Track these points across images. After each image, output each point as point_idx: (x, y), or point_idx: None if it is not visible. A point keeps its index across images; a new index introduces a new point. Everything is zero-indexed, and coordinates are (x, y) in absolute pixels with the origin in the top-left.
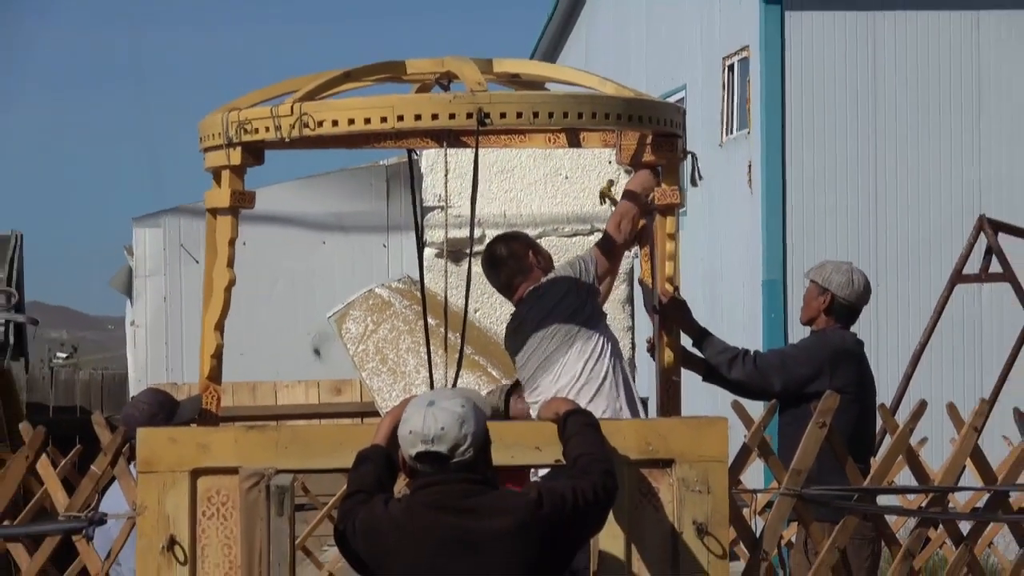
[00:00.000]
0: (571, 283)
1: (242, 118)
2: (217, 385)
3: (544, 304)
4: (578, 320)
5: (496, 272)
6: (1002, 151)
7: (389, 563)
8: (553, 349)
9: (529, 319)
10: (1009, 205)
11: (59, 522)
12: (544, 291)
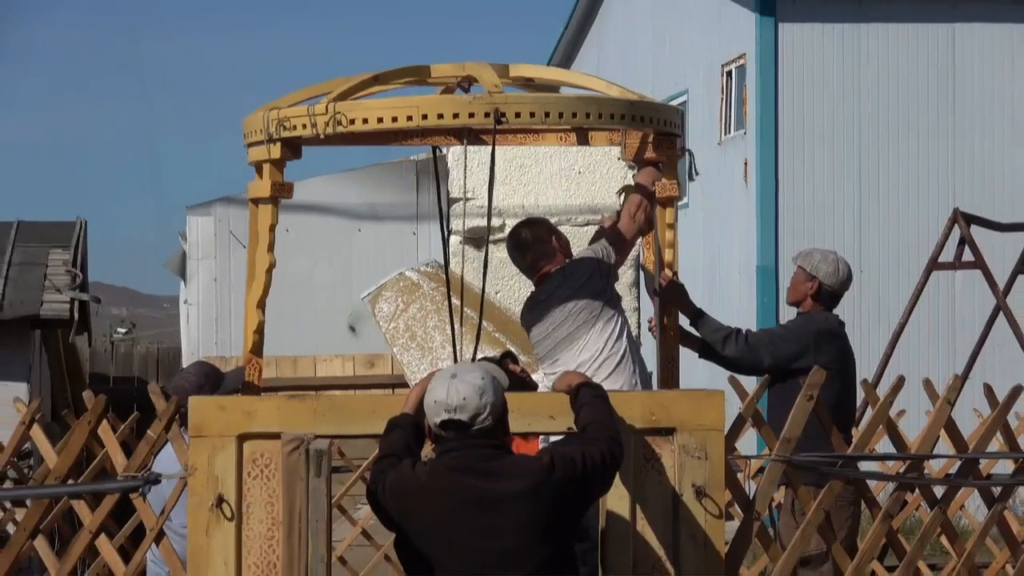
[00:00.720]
0: (595, 266)
1: (281, 116)
2: (259, 358)
3: (570, 284)
4: (601, 301)
5: (521, 254)
6: (975, 151)
7: (415, 520)
8: (578, 326)
9: (555, 297)
10: (980, 200)
11: (118, 481)
12: (570, 272)
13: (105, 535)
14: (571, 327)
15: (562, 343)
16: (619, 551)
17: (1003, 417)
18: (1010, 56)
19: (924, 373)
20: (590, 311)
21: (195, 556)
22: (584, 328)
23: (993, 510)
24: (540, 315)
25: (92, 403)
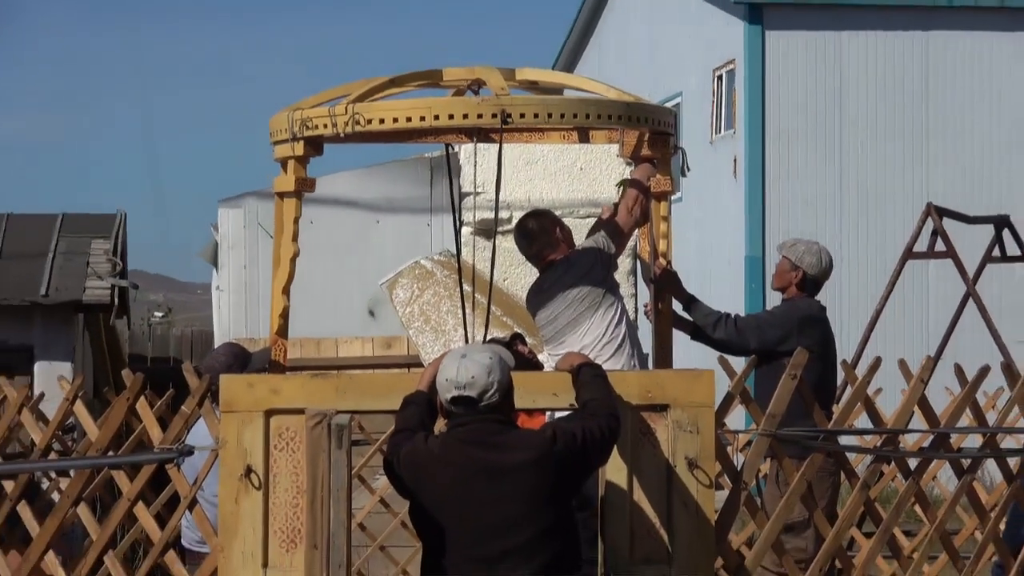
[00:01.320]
0: (597, 255)
1: (304, 117)
2: (285, 340)
3: (574, 272)
4: (602, 288)
5: (528, 243)
6: (946, 150)
7: (428, 489)
8: (581, 311)
9: (560, 284)
10: (952, 194)
11: (154, 453)
12: (574, 261)
13: (143, 503)
14: (575, 312)
15: (567, 327)
16: (617, 518)
17: (972, 395)
18: (980, 62)
19: (899, 354)
20: (593, 298)
21: (225, 522)
22: (587, 313)
23: (963, 481)
24: (545, 300)
25: (131, 381)
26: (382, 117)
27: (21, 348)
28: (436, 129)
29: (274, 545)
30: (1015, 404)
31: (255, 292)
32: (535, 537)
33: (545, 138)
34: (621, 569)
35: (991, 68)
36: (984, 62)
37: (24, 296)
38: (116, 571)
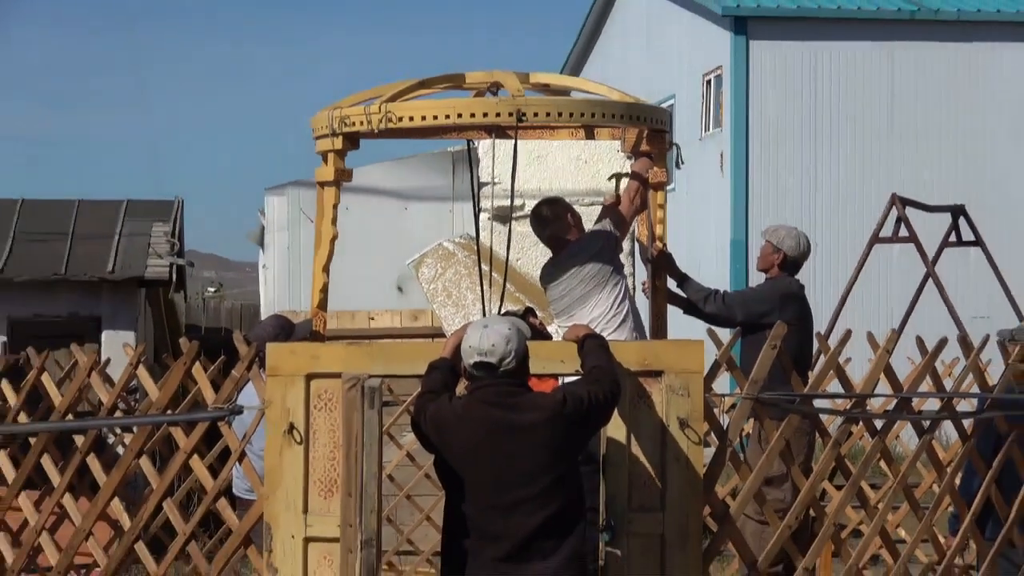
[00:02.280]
0: (606, 239)
1: (343, 115)
2: (324, 312)
3: (585, 253)
4: (610, 268)
5: (542, 227)
6: (910, 145)
7: (451, 444)
8: (591, 288)
9: (572, 263)
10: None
11: (208, 412)
12: (585, 243)
13: (197, 456)
14: (585, 288)
15: (577, 302)
16: (616, 472)
17: (931, 364)
18: (939, 70)
19: (867, 327)
20: (601, 276)
21: (270, 473)
22: (596, 290)
23: (923, 439)
24: (557, 277)
25: (187, 348)
26: (412, 115)
27: (90, 319)
28: (459, 126)
29: (313, 493)
30: (969, 372)
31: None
32: (546, 488)
33: (555, 134)
34: (620, 516)
35: (948, 75)
36: (942, 70)
37: (93, 273)
38: (174, 516)
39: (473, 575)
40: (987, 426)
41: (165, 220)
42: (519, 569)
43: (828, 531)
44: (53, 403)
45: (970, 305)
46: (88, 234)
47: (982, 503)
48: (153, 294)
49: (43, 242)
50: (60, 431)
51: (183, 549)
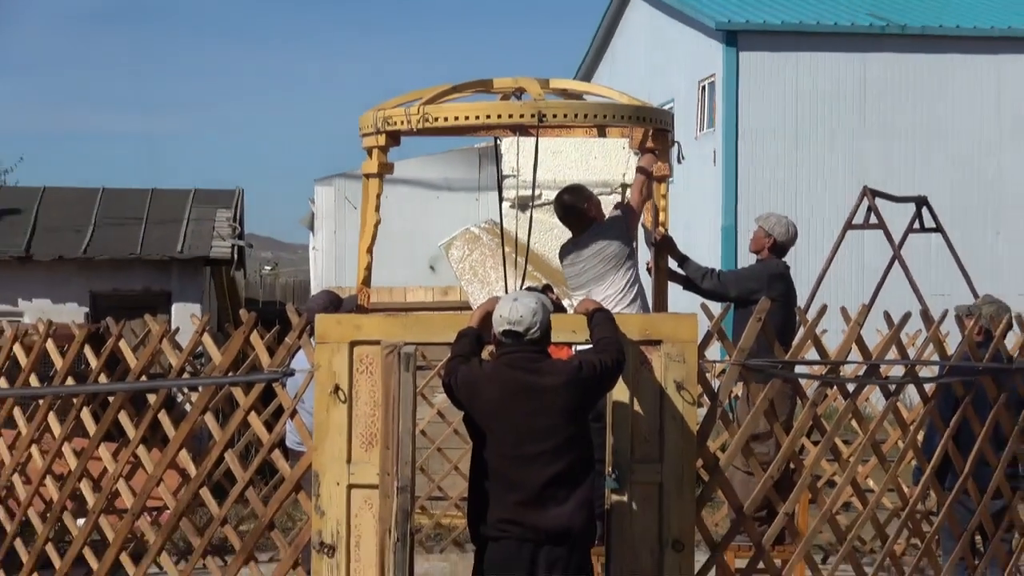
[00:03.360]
0: (622, 225)
1: (386, 115)
2: (367, 288)
3: (603, 237)
4: (625, 251)
5: (564, 212)
6: (879, 143)
7: (479, 403)
8: (608, 268)
9: (591, 244)
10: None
11: (264, 374)
12: (604, 228)
13: (254, 413)
14: (603, 268)
15: (594, 280)
16: (622, 428)
17: (897, 335)
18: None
19: (840, 303)
20: (617, 258)
21: (319, 428)
22: (612, 271)
23: (890, 401)
24: (576, 257)
25: (246, 319)
26: (446, 116)
27: (161, 293)
28: (487, 126)
29: (356, 446)
30: (930, 342)
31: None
32: (562, 442)
33: (571, 133)
34: (624, 467)
35: (914, 82)
36: (908, 77)
37: (164, 253)
38: (234, 465)
39: (496, 517)
40: (946, 390)
41: (227, 207)
42: (537, 513)
43: (806, 481)
44: (129, 366)
45: (931, 284)
46: (160, 219)
47: (941, 457)
48: (217, 272)
49: (121, 226)
50: (135, 391)
51: (242, 494)
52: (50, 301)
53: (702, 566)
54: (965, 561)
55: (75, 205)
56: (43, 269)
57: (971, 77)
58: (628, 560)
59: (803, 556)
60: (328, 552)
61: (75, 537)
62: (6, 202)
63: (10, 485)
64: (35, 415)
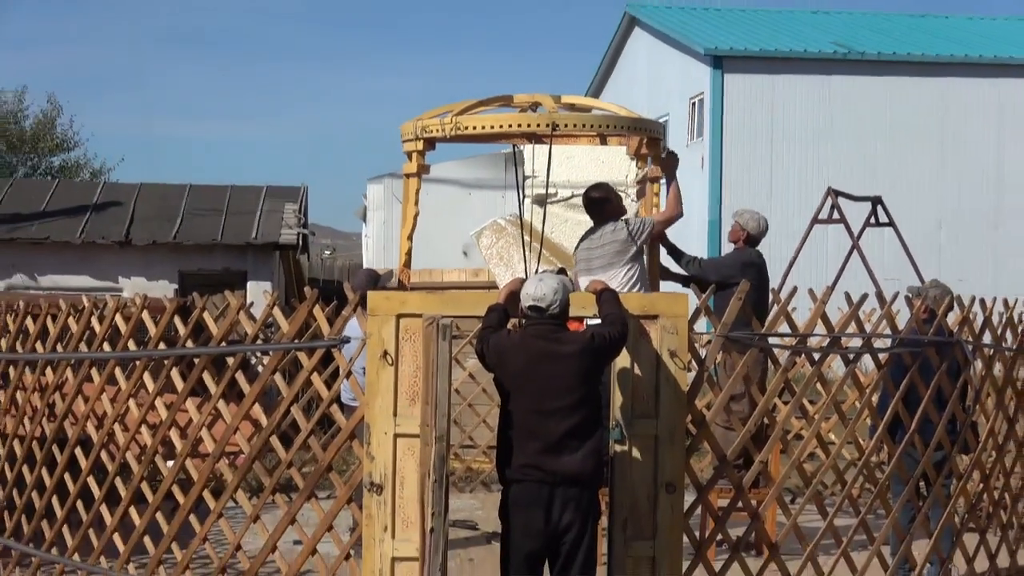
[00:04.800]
0: (641, 227)
1: (424, 124)
2: (408, 269)
3: (618, 234)
4: (631, 251)
5: (590, 204)
6: (842, 151)
7: (507, 365)
8: (613, 261)
9: (606, 237)
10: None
11: (325, 341)
12: (620, 228)
13: (316, 373)
14: (608, 260)
15: (599, 269)
16: (624, 389)
17: (855, 313)
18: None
19: (808, 285)
20: (621, 255)
21: (370, 386)
22: (616, 265)
23: (849, 368)
24: (590, 243)
25: (309, 295)
26: (475, 125)
27: (238, 272)
28: (509, 134)
29: (401, 402)
30: (883, 319)
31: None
32: (575, 401)
33: (579, 141)
34: (626, 422)
35: (870, 100)
36: (865, 96)
37: (241, 239)
38: (299, 417)
39: (520, 463)
40: (896, 359)
41: (294, 200)
42: (553, 460)
43: (777, 434)
44: (211, 333)
45: (884, 270)
46: (238, 210)
47: (892, 415)
48: (284, 255)
49: (204, 216)
50: (216, 354)
51: (305, 441)
52: (145, 279)
53: (690, 505)
54: (911, 503)
55: (167, 198)
56: (139, 252)
57: (917, 95)
58: (629, 500)
59: (775, 497)
60: (377, 491)
61: (165, 476)
62: (109, 196)
63: (112, 432)
64: (133, 374)
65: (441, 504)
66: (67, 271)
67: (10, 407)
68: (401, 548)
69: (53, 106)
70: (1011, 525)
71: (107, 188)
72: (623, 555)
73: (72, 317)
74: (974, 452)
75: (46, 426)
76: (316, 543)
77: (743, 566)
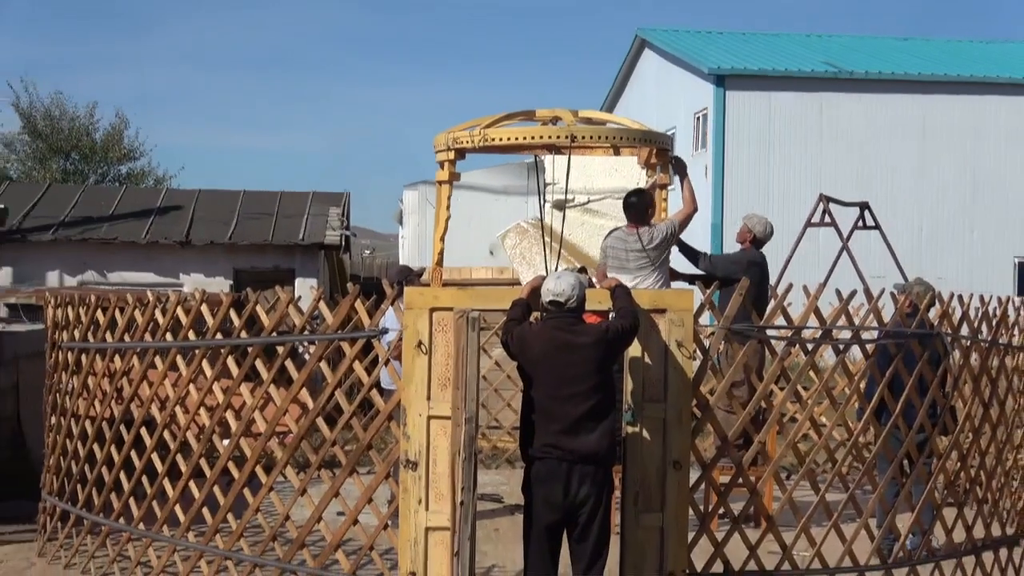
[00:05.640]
0: (668, 231)
1: (454, 136)
2: (440, 267)
3: (654, 241)
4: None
5: (628, 206)
6: (832, 161)
7: (529, 353)
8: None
9: (643, 241)
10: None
11: (365, 332)
12: (659, 232)
13: (358, 360)
14: (643, 263)
15: (621, 271)
16: (636, 375)
17: (845, 307)
18: (852, 111)
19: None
20: (656, 261)
21: (406, 373)
22: (646, 268)
23: (839, 357)
24: (624, 244)
25: (351, 290)
26: (501, 137)
27: (287, 270)
28: (531, 145)
29: (434, 386)
30: (870, 313)
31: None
32: (591, 387)
33: (595, 151)
34: (637, 405)
35: (857, 115)
36: (853, 111)
37: (290, 239)
38: (342, 401)
39: (541, 442)
40: (882, 349)
41: (337, 205)
42: (571, 440)
43: (774, 417)
44: (263, 324)
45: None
46: (287, 214)
47: (878, 400)
48: (329, 254)
49: (257, 219)
50: (267, 343)
51: (347, 422)
52: (203, 275)
53: (695, 480)
54: (896, 479)
55: (223, 203)
56: (198, 251)
57: (899, 110)
58: (640, 476)
59: (772, 474)
60: (412, 467)
61: (221, 453)
62: (171, 201)
63: (173, 414)
64: (192, 361)
65: (470, 479)
66: (133, 268)
67: (82, 391)
68: (434, 519)
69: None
70: (986, 500)
71: (169, 194)
72: (635, 526)
73: (138, 310)
74: (952, 434)
75: (114, 408)
76: (357, 514)
77: (743, 536)
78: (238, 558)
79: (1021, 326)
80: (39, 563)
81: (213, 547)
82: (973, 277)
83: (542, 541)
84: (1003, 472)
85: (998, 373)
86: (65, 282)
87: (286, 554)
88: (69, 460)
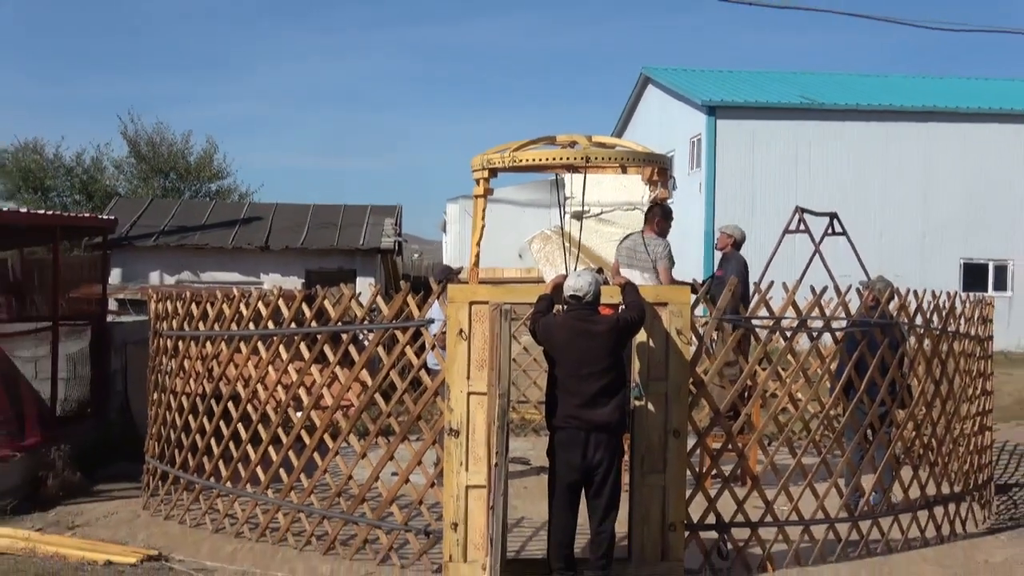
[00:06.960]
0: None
1: (488, 158)
2: (477, 268)
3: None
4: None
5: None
6: (807, 180)
7: (553, 339)
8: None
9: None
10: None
11: (414, 321)
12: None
13: (409, 346)
14: (647, 264)
15: (640, 267)
16: (642, 358)
17: (818, 301)
18: (827, 137)
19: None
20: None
21: (449, 356)
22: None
23: (813, 342)
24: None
25: (403, 287)
26: (527, 159)
27: (350, 270)
28: (552, 165)
29: (473, 368)
30: (839, 306)
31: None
32: (605, 368)
33: (606, 171)
34: (643, 383)
35: (832, 141)
36: (828, 138)
37: (351, 245)
38: (396, 379)
39: (563, 414)
40: (850, 336)
41: (391, 216)
42: (589, 412)
43: (759, 393)
44: (331, 316)
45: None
46: (349, 223)
47: (846, 379)
48: (384, 257)
49: (324, 228)
50: (334, 331)
51: (400, 397)
52: (280, 275)
53: (692, 446)
54: (861, 446)
55: (296, 214)
56: (275, 255)
57: (871, 136)
58: (645, 442)
59: (756, 441)
60: (455, 435)
61: (295, 423)
62: (252, 212)
63: (255, 391)
64: (271, 346)
65: (503, 445)
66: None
67: (179, 371)
68: (473, 478)
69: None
70: (936, 463)
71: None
72: (641, 484)
73: (225, 304)
74: (909, 407)
75: (206, 386)
76: (408, 474)
77: (732, 493)
78: (309, 511)
79: (966, 316)
80: (143, 515)
81: (288, 502)
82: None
83: (564, 497)
84: (951, 439)
85: (947, 356)
86: (165, 281)
87: (349, 507)
88: (168, 429)
